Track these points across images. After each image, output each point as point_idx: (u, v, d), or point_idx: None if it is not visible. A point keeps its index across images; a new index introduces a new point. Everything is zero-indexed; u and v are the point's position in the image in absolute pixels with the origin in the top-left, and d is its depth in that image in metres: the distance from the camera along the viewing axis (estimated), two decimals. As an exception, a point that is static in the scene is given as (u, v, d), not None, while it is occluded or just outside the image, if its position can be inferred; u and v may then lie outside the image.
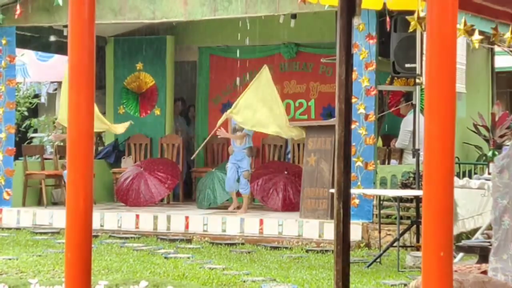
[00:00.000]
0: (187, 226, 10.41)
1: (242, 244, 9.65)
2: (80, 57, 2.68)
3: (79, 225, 2.69)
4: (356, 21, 4.65)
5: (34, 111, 15.36)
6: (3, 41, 11.31)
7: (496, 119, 12.33)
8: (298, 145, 11.99)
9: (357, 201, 9.72)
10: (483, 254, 4.08)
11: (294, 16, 10.88)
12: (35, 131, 14.62)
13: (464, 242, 5.27)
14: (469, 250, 5.27)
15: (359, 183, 9.69)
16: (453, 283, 3.49)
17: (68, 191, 2.68)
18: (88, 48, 2.71)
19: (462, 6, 5.51)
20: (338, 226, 4.85)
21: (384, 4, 7.44)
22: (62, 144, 12.38)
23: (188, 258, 8.43)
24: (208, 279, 7.02)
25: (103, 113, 13.49)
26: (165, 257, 8.40)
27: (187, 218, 10.48)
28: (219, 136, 11.28)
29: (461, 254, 6.98)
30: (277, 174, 11.48)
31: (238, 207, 11.06)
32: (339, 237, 4.81)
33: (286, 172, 11.51)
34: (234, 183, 11.05)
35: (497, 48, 11.56)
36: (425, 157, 2.57)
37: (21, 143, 12.92)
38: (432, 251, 2.54)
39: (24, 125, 13.86)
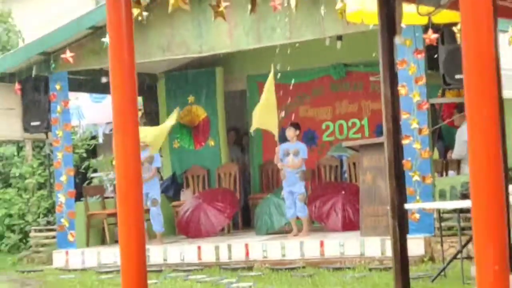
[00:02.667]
0: (247, 254, 10.44)
1: (303, 267, 9.63)
2: (123, 99, 2.76)
3: (133, 264, 2.75)
4: (397, 39, 4.65)
5: (92, 152, 15.64)
6: (57, 87, 11.58)
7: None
8: (354, 163, 11.96)
9: (417, 215, 9.64)
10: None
11: (340, 37, 10.91)
12: (95, 171, 14.87)
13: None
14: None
15: (417, 197, 9.63)
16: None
17: (120, 232, 2.74)
18: (130, 90, 2.78)
19: (505, 14, 5.46)
20: (395, 244, 4.83)
21: (429, 18, 7.45)
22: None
23: (250, 286, 8.44)
24: (272, 306, 7.02)
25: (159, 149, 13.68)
26: (228, 287, 8.44)
27: (246, 245, 10.52)
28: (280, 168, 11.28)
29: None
30: (334, 195, 11.47)
31: (297, 232, 11.04)
32: (396, 255, 4.79)
33: (343, 192, 11.49)
34: (294, 210, 11.02)
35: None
36: (471, 169, 2.55)
37: (82, 184, 13.16)
38: (485, 265, 2.51)
39: (83, 166, 14.12)
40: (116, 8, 2.66)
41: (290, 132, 11.23)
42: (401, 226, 4.83)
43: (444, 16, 5.57)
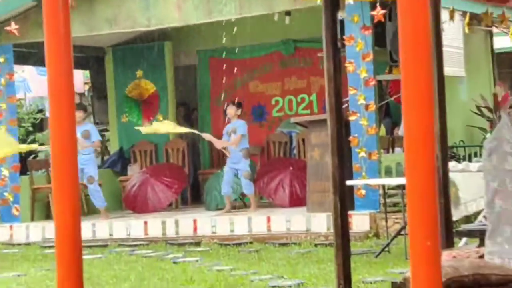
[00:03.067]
0: (195, 229, 10.45)
1: (251, 243, 9.68)
2: (58, 71, 2.70)
3: (68, 240, 2.72)
4: (340, 15, 4.67)
5: (39, 126, 15.43)
6: (1, 59, 11.37)
7: (499, 99, 12.32)
8: (303, 140, 12.02)
9: (363, 191, 9.73)
10: (483, 238, 4.09)
11: (288, 13, 10.90)
12: (41, 145, 14.67)
13: (464, 227, 5.28)
14: (468, 234, 5.27)
15: (363, 173, 9.72)
16: (447, 270, 3.50)
17: (56, 206, 2.70)
18: (66, 62, 2.73)
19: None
20: (336, 220, 4.88)
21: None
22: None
23: (197, 261, 8.46)
24: (216, 281, 7.05)
25: (106, 122, 13.57)
26: (174, 262, 8.44)
27: (195, 221, 10.53)
28: (219, 148, 11.39)
29: (464, 239, 6.98)
30: (282, 171, 11.52)
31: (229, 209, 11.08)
32: (338, 230, 4.84)
33: (291, 168, 11.54)
34: (230, 188, 11.09)
35: (495, 29, 11.55)
36: (405, 146, 2.57)
37: (27, 158, 12.99)
38: (418, 241, 2.54)
39: (28, 140, 13.93)
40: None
41: (231, 111, 11.25)
42: (342, 202, 4.88)
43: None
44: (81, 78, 14.96)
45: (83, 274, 2.77)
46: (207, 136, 11.39)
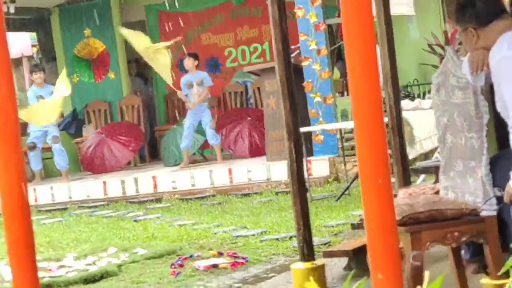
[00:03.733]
0: (155, 186, 10.40)
1: (213, 196, 9.67)
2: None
3: (15, 206, 2.64)
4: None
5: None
6: None
7: (449, 36, 12.36)
8: (259, 88, 11.96)
9: (321, 137, 9.74)
10: (438, 174, 4.12)
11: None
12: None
13: (419, 164, 5.30)
14: (424, 171, 5.30)
15: (320, 119, 9.72)
16: (402, 208, 3.51)
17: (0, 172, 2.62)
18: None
19: None
20: (291, 166, 4.88)
21: None
22: (21, 121, 12.20)
23: (158, 218, 8.44)
24: (178, 236, 7.03)
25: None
26: (135, 221, 8.40)
27: (154, 178, 10.47)
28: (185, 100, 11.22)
29: (422, 176, 7.04)
30: (240, 121, 11.48)
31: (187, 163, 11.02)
32: (293, 176, 4.84)
33: (249, 118, 11.50)
34: (190, 141, 11.02)
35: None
36: (350, 86, 2.53)
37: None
38: (369, 180, 2.51)
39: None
40: None
41: (189, 63, 11.12)
42: (297, 148, 4.87)
43: None
44: (28, 41, 14.67)
45: (34, 238, 2.70)
46: (179, 93, 11.09)
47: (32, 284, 2.65)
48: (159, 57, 9.97)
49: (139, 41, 10.18)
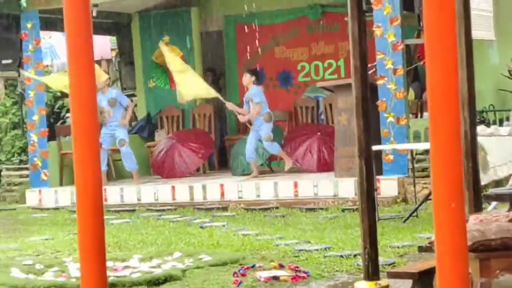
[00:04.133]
0: (222, 194, 10.48)
1: (277, 208, 9.69)
2: (77, 37, 2.69)
3: (90, 204, 2.72)
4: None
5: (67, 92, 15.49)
6: (28, 25, 11.41)
7: (530, 63, 12.12)
8: (330, 105, 11.94)
9: (391, 156, 9.67)
10: (512, 202, 4.05)
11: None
12: (68, 110, 14.76)
13: (492, 191, 5.21)
14: (497, 198, 5.21)
15: (392, 138, 9.66)
16: (474, 234, 3.46)
17: (76, 171, 2.69)
18: (85, 25, 2.71)
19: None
20: (361, 184, 4.85)
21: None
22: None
23: (223, 226, 8.50)
24: (242, 245, 7.07)
25: (134, 88, 13.58)
26: (201, 227, 8.48)
27: (222, 186, 10.55)
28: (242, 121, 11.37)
29: (494, 203, 6.91)
30: (310, 136, 11.49)
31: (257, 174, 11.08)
32: (363, 194, 4.81)
33: (319, 133, 11.51)
34: (253, 153, 11.09)
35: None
36: (429, 108, 2.53)
37: (56, 124, 13.07)
38: (442, 203, 2.51)
39: (57, 105, 14.01)
40: None
41: (245, 79, 11.22)
42: (368, 166, 4.84)
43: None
44: (108, 44, 14.97)
45: (105, 237, 2.77)
46: (230, 105, 11.30)
47: (100, 282, 2.72)
48: (194, 80, 10.44)
49: (174, 62, 10.61)
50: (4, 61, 11.60)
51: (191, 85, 10.98)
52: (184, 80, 10.99)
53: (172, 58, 11.20)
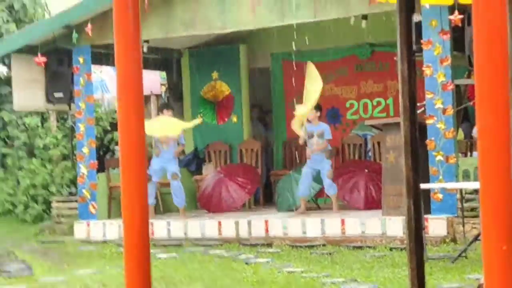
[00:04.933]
0: (267, 230, 10.45)
1: (323, 245, 9.62)
2: (128, 70, 2.72)
3: (136, 238, 2.72)
4: (415, 17, 4.59)
5: (116, 125, 15.68)
6: (80, 60, 11.62)
7: None
8: (378, 143, 11.89)
9: (440, 195, 9.58)
10: None
11: (365, 17, 10.80)
12: (117, 143, 14.90)
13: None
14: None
15: (440, 177, 9.56)
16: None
17: (123, 204, 2.71)
18: (135, 60, 2.75)
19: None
20: (409, 223, 4.78)
21: None
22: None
23: (268, 262, 8.46)
24: (286, 283, 7.02)
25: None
26: (246, 263, 8.46)
27: (266, 222, 10.52)
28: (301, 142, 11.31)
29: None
30: (358, 173, 11.44)
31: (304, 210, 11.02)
32: (411, 234, 4.74)
33: (366, 170, 11.44)
34: (307, 189, 11.06)
35: None
36: (479, 148, 2.50)
37: (105, 157, 13.23)
38: (492, 245, 2.46)
39: (106, 139, 14.20)
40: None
41: (311, 113, 11.19)
42: (416, 205, 4.78)
43: (469, -4, 5.47)
44: (158, 79, 15.16)
45: (151, 272, 2.77)
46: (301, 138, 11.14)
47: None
48: None
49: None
50: (56, 95, 11.81)
51: None
52: None
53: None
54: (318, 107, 11.29)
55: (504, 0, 2.41)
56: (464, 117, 11.91)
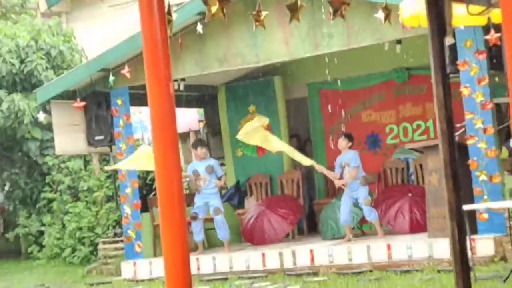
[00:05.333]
0: (312, 259, 10.41)
1: (370, 271, 9.54)
2: (160, 112, 2.77)
3: (177, 275, 2.75)
4: (448, 40, 4.58)
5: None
6: (119, 102, 11.78)
7: None
8: (420, 165, 11.80)
9: (485, 215, 9.48)
10: None
11: (399, 41, 10.80)
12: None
13: None
14: None
15: (485, 197, 9.46)
16: None
17: (163, 242, 2.74)
18: (167, 99, 2.79)
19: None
20: (454, 245, 4.73)
21: (488, 19, 7.30)
22: (187, 192, 12.67)
23: (315, 291, 8.41)
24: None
25: (222, 157, 13.73)
26: (293, 293, 8.42)
27: (311, 251, 10.49)
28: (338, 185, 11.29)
29: None
30: (401, 197, 11.38)
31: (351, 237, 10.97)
32: (456, 256, 4.69)
33: (410, 194, 11.38)
34: (349, 216, 11.01)
35: None
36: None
37: (148, 196, 13.33)
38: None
39: (148, 178, 14.33)
40: (150, 22, 2.68)
41: (342, 143, 11.19)
42: (460, 227, 4.74)
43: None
44: (196, 116, 15.28)
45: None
46: (320, 168, 11.22)
47: None
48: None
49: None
50: (97, 137, 11.97)
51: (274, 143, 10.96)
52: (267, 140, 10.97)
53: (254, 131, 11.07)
54: (348, 136, 11.27)
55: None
56: (508, 135, 11.79)
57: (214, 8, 3.79)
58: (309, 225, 12.78)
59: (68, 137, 11.97)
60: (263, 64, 11.20)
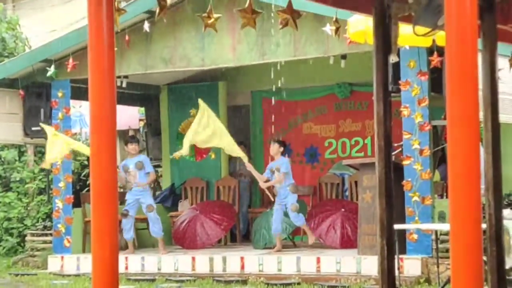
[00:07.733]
0: (242, 267, 10.41)
1: (298, 284, 9.58)
2: (101, 107, 2.73)
3: (104, 272, 2.71)
4: (392, 58, 4.63)
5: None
6: (59, 94, 11.62)
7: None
8: (355, 182, 11.92)
9: (415, 236, 9.60)
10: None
11: (344, 56, 10.90)
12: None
13: (515, 276, 5.13)
14: (520, 284, 5.12)
15: (416, 217, 9.60)
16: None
17: (93, 240, 2.70)
18: (109, 96, 2.75)
19: (506, 39, 5.44)
20: (382, 264, 4.78)
21: (433, 41, 7.41)
22: (121, 190, 12.54)
23: (242, 300, 8.40)
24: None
25: (159, 159, 13.65)
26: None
27: (242, 258, 10.49)
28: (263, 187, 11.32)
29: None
30: (334, 212, 11.46)
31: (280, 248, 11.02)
32: (383, 274, 4.74)
33: (343, 209, 11.46)
34: (280, 225, 11.05)
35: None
36: (450, 193, 2.53)
37: (81, 192, 13.15)
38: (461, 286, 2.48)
39: (83, 173, 14.14)
40: (97, 16, 2.65)
41: (273, 148, 11.24)
42: (389, 246, 4.79)
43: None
44: (136, 115, 15.15)
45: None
46: (249, 166, 11.11)
47: None
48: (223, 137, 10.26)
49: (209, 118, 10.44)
50: (34, 128, 11.76)
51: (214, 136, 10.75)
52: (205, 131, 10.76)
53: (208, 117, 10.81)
54: (280, 142, 11.34)
55: (475, 42, 2.45)
56: (441, 159, 11.98)
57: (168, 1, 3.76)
58: (243, 233, 12.77)
59: (5, 125, 11.75)
60: (208, 68, 11.16)
